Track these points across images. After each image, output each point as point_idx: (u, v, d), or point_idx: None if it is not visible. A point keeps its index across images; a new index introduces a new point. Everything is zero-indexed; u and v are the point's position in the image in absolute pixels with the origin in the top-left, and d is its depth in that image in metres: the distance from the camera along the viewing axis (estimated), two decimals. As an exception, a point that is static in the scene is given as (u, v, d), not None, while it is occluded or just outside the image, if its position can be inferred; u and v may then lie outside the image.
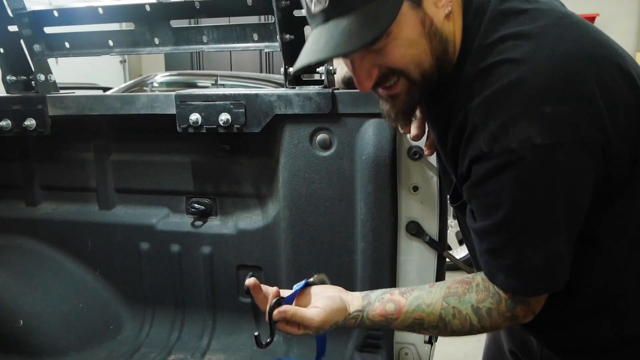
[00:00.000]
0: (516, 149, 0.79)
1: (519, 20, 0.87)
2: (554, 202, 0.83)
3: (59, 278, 1.70)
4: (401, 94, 0.93)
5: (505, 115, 0.81)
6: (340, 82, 1.42)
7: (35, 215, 1.74)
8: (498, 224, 0.86)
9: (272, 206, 1.53)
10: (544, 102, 0.79)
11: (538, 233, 0.85)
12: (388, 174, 1.34)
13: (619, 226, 0.91)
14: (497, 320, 0.96)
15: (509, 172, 0.81)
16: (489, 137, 0.82)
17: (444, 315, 0.98)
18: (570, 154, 0.80)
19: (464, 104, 0.86)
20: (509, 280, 0.89)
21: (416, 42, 0.87)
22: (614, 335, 0.97)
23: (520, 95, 0.80)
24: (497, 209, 0.85)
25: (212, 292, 1.62)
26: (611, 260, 0.93)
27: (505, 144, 0.80)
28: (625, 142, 0.85)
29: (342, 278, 1.45)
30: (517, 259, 0.87)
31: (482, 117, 0.83)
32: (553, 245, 0.85)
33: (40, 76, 1.62)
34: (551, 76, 0.80)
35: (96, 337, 1.65)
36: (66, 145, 1.69)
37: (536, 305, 0.94)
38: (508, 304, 0.94)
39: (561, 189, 0.82)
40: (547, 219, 0.84)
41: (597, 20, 8.27)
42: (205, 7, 1.44)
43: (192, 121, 1.42)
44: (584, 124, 0.80)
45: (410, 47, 0.87)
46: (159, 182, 1.63)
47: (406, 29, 0.86)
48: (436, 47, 0.89)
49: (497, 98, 0.82)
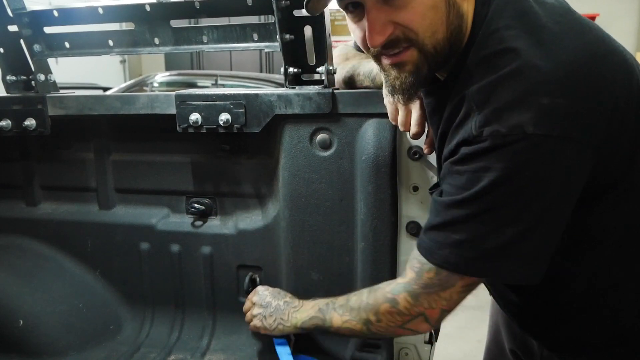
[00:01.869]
0: (506, 134, 0.79)
1: (523, 11, 0.87)
2: (531, 192, 0.82)
3: (59, 278, 1.70)
4: (408, 63, 0.90)
5: (501, 101, 0.80)
6: (340, 82, 1.42)
7: (35, 215, 1.74)
8: (465, 200, 0.84)
9: (272, 206, 1.53)
10: (543, 93, 0.79)
11: (504, 218, 0.83)
12: (388, 174, 1.34)
13: (609, 221, 0.91)
14: (378, 298, 0.98)
15: (493, 155, 0.81)
16: (481, 121, 0.82)
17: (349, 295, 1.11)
18: (559, 148, 0.80)
19: (462, 90, 0.86)
20: (452, 256, 0.87)
21: (437, 5, 0.86)
22: (611, 332, 0.97)
23: (519, 84, 0.80)
24: (469, 188, 0.84)
25: (212, 292, 1.62)
26: (602, 255, 0.93)
27: (495, 128, 0.80)
28: (622, 140, 0.85)
29: (342, 278, 1.45)
30: (471, 237, 0.85)
31: (478, 102, 0.83)
32: (515, 234, 0.83)
33: (40, 76, 1.62)
34: (553, 69, 0.80)
35: (96, 337, 1.65)
36: (66, 145, 1.69)
37: (428, 309, 0.93)
38: (396, 287, 0.95)
39: (541, 182, 0.81)
40: (516, 208, 0.83)
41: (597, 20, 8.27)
42: (205, 7, 1.43)
43: (192, 121, 1.42)
44: (578, 121, 0.80)
45: (431, 9, 0.86)
46: (159, 182, 1.63)
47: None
48: (453, 20, 0.88)
49: (496, 85, 0.82)
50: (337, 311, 1.11)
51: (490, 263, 0.86)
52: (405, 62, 0.91)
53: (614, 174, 0.87)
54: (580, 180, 0.84)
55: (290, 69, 1.40)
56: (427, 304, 0.93)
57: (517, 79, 0.80)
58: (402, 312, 0.96)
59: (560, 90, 0.80)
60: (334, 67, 1.37)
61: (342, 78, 1.41)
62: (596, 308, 0.96)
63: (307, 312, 1.21)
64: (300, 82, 1.43)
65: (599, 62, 0.83)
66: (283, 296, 1.34)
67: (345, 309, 1.09)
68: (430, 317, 0.94)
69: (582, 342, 1.00)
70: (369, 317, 1.02)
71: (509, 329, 1.26)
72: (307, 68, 1.41)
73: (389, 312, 0.98)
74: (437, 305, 0.93)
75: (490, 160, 0.81)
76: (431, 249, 0.90)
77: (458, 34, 0.89)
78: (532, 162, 0.80)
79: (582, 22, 0.89)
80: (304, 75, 1.43)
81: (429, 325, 0.96)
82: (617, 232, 0.92)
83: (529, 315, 1.07)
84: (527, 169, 0.80)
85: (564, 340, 1.02)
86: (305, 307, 1.24)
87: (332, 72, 1.37)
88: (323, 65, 1.37)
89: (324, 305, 1.17)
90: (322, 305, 1.17)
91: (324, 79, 1.38)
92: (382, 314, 0.99)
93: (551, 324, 1.02)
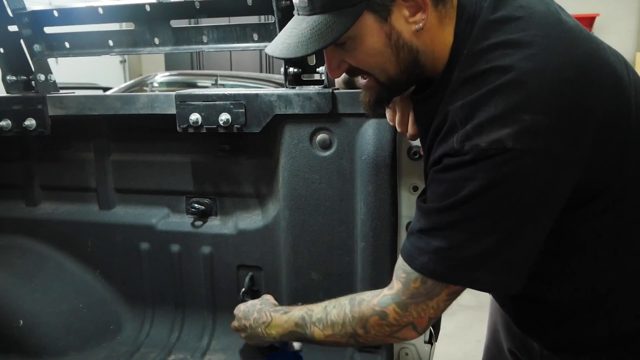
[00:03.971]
0: (485, 148, 0.81)
1: (510, 28, 0.87)
2: (508, 204, 0.83)
3: (59, 278, 1.70)
4: (370, 88, 1.00)
5: (482, 117, 0.82)
6: (340, 82, 1.42)
7: (35, 215, 1.74)
8: (445, 207, 0.87)
9: (272, 206, 1.53)
10: (524, 110, 0.80)
11: (481, 227, 0.85)
12: (388, 174, 1.34)
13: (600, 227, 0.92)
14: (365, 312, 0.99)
15: (473, 167, 0.83)
16: (462, 136, 0.84)
17: (327, 305, 1.08)
18: (538, 162, 0.81)
19: (447, 106, 0.88)
20: (431, 263, 0.89)
21: (380, 51, 0.92)
22: (608, 334, 0.97)
23: (501, 101, 0.81)
24: (449, 196, 0.86)
25: (212, 292, 1.62)
26: (595, 260, 0.93)
27: (476, 143, 0.82)
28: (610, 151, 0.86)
29: (342, 278, 1.45)
30: (449, 244, 0.87)
31: (461, 118, 0.85)
32: (492, 244, 0.85)
33: (40, 76, 1.62)
34: (536, 86, 0.81)
35: (96, 337, 1.65)
36: (66, 145, 1.69)
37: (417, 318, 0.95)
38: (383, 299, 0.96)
39: (519, 195, 0.82)
40: (493, 218, 0.84)
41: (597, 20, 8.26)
42: (205, 7, 1.43)
43: (192, 121, 1.42)
44: (560, 136, 0.81)
45: (374, 55, 0.93)
46: (159, 182, 1.63)
47: (370, 39, 0.91)
48: (404, 57, 0.93)
49: (479, 102, 0.83)
50: (317, 325, 1.09)
51: (468, 272, 0.87)
52: (370, 87, 1.01)
53: (602, 183, 0.88)
54: (562, 193, 0.85)
55: (290, 69, 1.40)
56: (416, 314, 0.95)
57: (501, 95, 0.82)
58: (392, 324, 0.97)
59: (542, 107, 0.81)
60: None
61: (342, 78, 1.41)
62: (595, 310, 0.96)
63: (282, 327, 1.18)
64: (300, 82, 1.43)
65: (586, 78, 0.84)
66: (252, 313, 1.28)
67: (325, 323, 1.07)
68: (418, 326, 0.96)
69: (581, 343, 1.00)
70: (357, 330, 1.02)
71: (507, 329, 1.27)
72: (307, 68, 1.41)
73: (378, 324, 0.99)
74: (426, 314, 0.94)
75: (471, 171, 0.83)
76: (412, 254, 0.92)
77: (414, 65, 0.94)
78: (511, 176, 0.81)
79: (572, 35, 0.88)
80: (304, 75, 1.43)
81: (416, 333, 0.98)
82: (610, 237, 0.92)
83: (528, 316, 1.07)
84: (505, 182, 0.82)
85: (563, 341, 1.02)
86: (278, 322, 1.20)
87: (332, 72, 1.37)
88: (323, 65, 1.37)
89: (299, 318, 1.14)
90: (298, 319, 1.14)
91: (324, 79, 1.38)
92: (371, 327, 1.00)
93: (550, 325, 1.02)
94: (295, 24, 0.92)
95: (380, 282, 1.38)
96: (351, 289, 1.44)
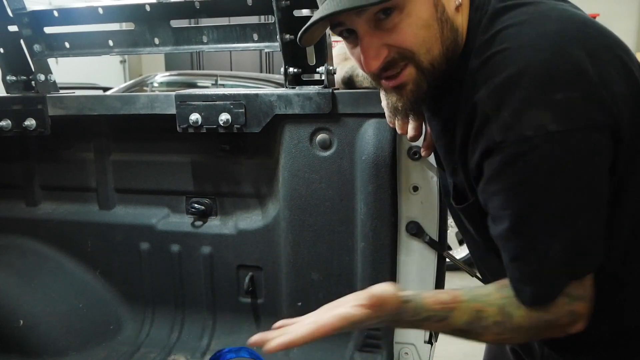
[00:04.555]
0: (531, 136, 0.78)
1: (518, 12, 0.86)
2: (572, 190, 0.81)
3: (59, 278, 1.70)
4: (408, 84, 0.90)
5: (516, 102, 0.80)
6: (340, 83, 1.42)
7: (35, 215, 1.74)
8: (515, 225, 0.84)
9: (272, 206, 1.53)
10: (554, 88, 0.79)
11: (558, 225, 0.83)
12: (388, 174, 1.34)
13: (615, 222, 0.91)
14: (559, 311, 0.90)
15: (523, 162, 0.80)
16: (502, 126, 0.80)
17: (505, 305, 0.90)
18: (585, 139, 0.79)
19: (470, 97, 0.85)
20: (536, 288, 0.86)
21: (429, 24, 0.86)
22: (613, 332, 0.97)
23: (529, 82, 0.79)
24: (511, 207, 0.83)
25: (212, 292, 1.62)
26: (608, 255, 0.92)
27: (519, 132, 0.79)
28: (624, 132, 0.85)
29: (342, 278, 1.45)
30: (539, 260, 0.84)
31: (492, 107, 0.82)
32: (573, 235, 0.83)
33: (40, 76, 1.62)
34: (557, 62, 0.80)
35: (96, 337, 1.65)
36: (66, 145, 1.69)
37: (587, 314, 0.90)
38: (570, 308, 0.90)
39: (579, 176, 0.81)
40: (566, 210, 0.82)
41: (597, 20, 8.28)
42: (205, 7, 1.43)
43: (192, 121, 1.42)
44: (595, 109, 0.80)
45: (423, 27, 0.86)
46: (159, 182, 1.63)
47: (420, 7, 0.85)
48: (447, 35, 0.88)
49: (506, 86, 0.81)
50: (492, 329, 0.94)
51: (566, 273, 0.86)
52: (405, 83, 0.90)
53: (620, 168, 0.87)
54: (609, 162, 0.83)
55: (290, 69, 1.40)
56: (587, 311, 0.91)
57: (525, 77, 0.80)
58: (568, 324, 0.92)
59: (569, 83, 0.79)
60: (334, 67, 1.37)
61: (341, 78, 1.40)
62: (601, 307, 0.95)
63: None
64: (300, 82, 1.43)
65: (604, 54, 0.83)
66: None
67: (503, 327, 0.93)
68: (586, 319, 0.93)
69: (584, 342, 0.99)
70: (539, 334, 0.96)
71: None
72: (307, 68, 1.41)
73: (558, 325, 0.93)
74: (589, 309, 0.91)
75: (524, 168, 0.80)
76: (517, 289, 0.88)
77: (454, 47, 0.89)
78: (564, 160, 0.79)
79: (582, 16, 0.89)
80: (304, 75, 1.43)
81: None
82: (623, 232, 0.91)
83: None
84: (561, 168, 0.80)
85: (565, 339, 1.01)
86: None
87: (332, 72, 1.37)
88: (323, 65, 1.37)
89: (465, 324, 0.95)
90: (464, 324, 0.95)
91: (324, 79, 1.38)
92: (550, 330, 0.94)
93: None
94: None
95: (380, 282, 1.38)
96: (351, 289, 1.44)
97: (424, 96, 0.93)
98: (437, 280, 1.42)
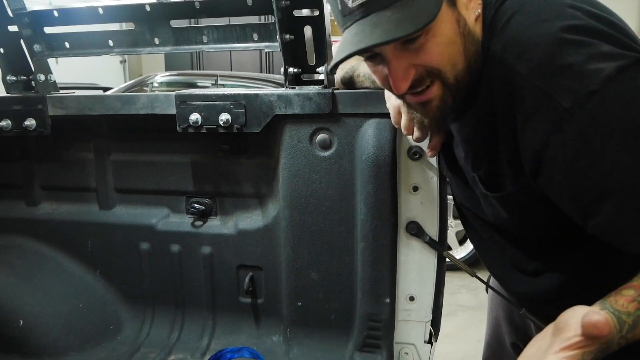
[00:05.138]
0: (599, 89, 0.78)
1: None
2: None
3: (59, 278, 1.70)
4: (434, 99, 0.92)
5: (566, 66, 0.80)
6: (340, 83, 1.42)
7: (35, 215, 1.74)
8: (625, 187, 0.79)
9: (272, 206, 1.53)
10: (595, 40, 0.80)
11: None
12: (388, 174, 1.34)
13: None
14: None
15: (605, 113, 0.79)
16: (565, 92, 0.80)
17: None
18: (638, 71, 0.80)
19: (508, 77, 0.86)
20: None
21: (453, 40, 0.87)
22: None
23: (569, 46, 0.80)
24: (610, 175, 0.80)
25: (212, 292, 1.62)
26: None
27: (586, 90, 0.79)
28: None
29: (342, 278, 1.45)
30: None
31: (543, 80, 0.81)
32: None
33: (40, 76, 1.62)
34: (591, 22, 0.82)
35: (96, 337, 1.65)
36: (66, 145, 1.69)
37: None
38: None
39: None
40: None
41: (597, 20, 8.28)
42: (205, 7, 1.43)
43: (192, 121, 1.42)
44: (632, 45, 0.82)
45: (448, 45, 0.87)
46: (159, 182, 1.63)
47: (445, 26, 0.86)
48: (469, 48, 0.89)
49: (549, 57, 0.81)
50: None
51: None
52: (432, 99, 0.91)
53: None
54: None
55: (290, 69, 1.40)
56: None
57: (563, 42, 0.80)
58: None
59: (605, 33, 0.81)
60: (334, 67, 1.37)
61: (341, 78, 1.41)
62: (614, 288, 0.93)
63: None
64: (300, 82, 1.43)
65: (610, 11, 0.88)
66: None
67: None
68: None
69: None
70: None
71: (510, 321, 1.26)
72: (307, 68, 1.41)
73: None
74: None
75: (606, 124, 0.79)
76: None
77: (475, 58, 0.90)
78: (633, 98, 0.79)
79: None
80: (304, 76, 1.43)
81: None
82: None
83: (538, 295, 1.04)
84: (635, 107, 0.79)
85: None
86: None
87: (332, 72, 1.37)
88: (323, 65, 1.37)
89: None
90: None
91: (324, 79, 1.38)
92: None
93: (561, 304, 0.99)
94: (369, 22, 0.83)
95: (380, 282, 1.39)
96: (351, 289, 1.45)
97: (450, 110, 0.94)
98: (437, 280, 1.42)
